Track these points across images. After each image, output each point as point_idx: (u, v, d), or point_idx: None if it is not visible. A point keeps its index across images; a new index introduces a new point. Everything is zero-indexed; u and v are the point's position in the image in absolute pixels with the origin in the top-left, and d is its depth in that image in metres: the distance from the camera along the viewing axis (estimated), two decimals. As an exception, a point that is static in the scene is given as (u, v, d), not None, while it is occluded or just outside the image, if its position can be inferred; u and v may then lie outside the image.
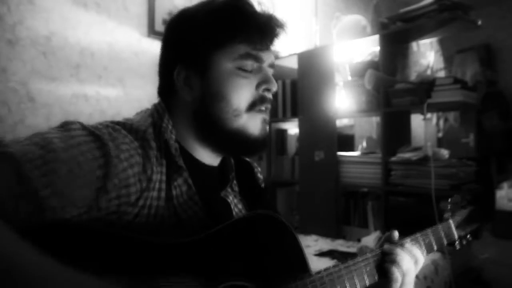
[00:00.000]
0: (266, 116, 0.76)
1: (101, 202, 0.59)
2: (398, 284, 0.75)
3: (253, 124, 0.74)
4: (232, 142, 0.74)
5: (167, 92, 0.77)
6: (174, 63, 0.74)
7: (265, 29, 0.72)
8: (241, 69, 0.72)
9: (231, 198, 0.80)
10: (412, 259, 0.78)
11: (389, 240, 0.81)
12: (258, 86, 0.74)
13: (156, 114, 0.74)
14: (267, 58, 0.75)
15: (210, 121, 0.73)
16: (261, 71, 0.75)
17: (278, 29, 0.74)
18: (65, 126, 0.61)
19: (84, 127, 0.62)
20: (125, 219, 0.63)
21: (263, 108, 0.74)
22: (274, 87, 0.75)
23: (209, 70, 0.72)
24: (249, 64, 0.72)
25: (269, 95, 0.75)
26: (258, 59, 0.73)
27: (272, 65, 0.77)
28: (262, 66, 0.75)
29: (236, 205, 0.81)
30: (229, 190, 0.81)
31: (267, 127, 0.77)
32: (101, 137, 0.60)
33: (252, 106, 0.73)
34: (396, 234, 0.81)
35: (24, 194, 0.51)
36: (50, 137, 0.57)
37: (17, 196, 0.51)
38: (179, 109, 0.75)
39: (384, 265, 0.76)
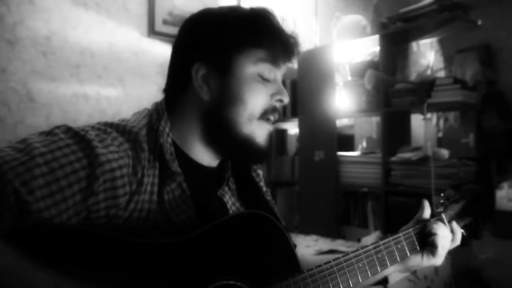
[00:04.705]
0: (271, 127, 0.78)
1: (90, 205, 0.58)
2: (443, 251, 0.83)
3: (261, 133, 0.75)
4: (238, 148, 0.75)
5: (177, 89, 0.76)
6: (193, 59, 0.73)
7: (287, 44, 0.75)
8: (261, 76, 0.74)
9: (227, 197, 0.80)
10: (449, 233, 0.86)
11: (420, 219, 0.88)
12: (272, 95, 0.76)
13: (155, 115, 0.73)
14: (282, 71, 0.78)
15: (221, 123, 0.73)
16: (276, 81, 0.77)
17: (297, 49, 0.76)
18: (51, 130, 0.61)
19: (68, 129, 0.62)
20: (116, 223, 0.63)
21: (272, 117, 0.76)
22: (287, 99, 0.77)
23: (230, 71, 0.73)
24: (268, 71, 0.74)
25: (280, 106, 0.78)
26: (277, 69, 0.76)
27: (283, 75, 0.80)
28: (277, 77, 0.77)
29: (233, 204, 0.81)
30: (225, 189, 0.81)
31: (268, 138, 0.79)
32: (85, 138, 0.60)
33: (264, 114, 0.75)
34: (426, 212, 0.88)
35: (7, 198, 0.52)
36: (32, 142, 0.57)
37: (0, 202, 0.51)
38: (188, 108, 0.75)
39: (427, 239, 0.83)
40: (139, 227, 0.65)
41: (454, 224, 0.88)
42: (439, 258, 0.84)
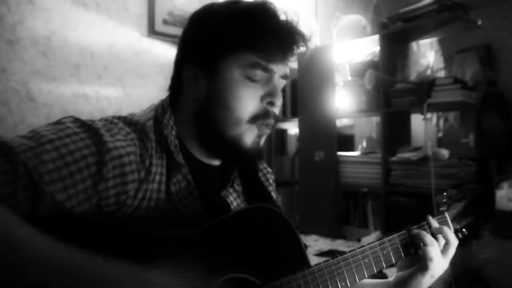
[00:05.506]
0: (266, 131, 0.74)
1: (100, 191, 0.59)
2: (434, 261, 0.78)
3: (248, 136, 0.72)
4: (225, 149, 0.74)
5: (175, 88, 0.77)
6: (186, 60, 0.74)
7: (283, 42, 0.71)
8: (249, 78, 0.70)
9: (231, 198, 0.80)
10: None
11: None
12: (262, 98, 0.72)
13: (161, 109, 0.75)
14: (279, 70, 0.73)
15: (209, 123, 0.73)
16: (270, 82, 0.73)
17: (298, 43, 0.72)
18: (59, 120, 0.63)
19: (76, 120, 0.63)
20: (126, 212, 0.63)
21: (265, 123, 0.73)
22: (279, 101, 0.73)
23: (217, 73, 0.71)
24: (258, 74, 0.71)
25: (273, 109, 0.73)
26: (268, 71, 0.71)
27: (285, 77, 0.75)
28: (272, 78, 0.73)
29: (238, 205, 0.81)
30: (230, 190, 0.81)
31: (262, 142, 0.75)
32: (92, 127, 0.61)
33: (255, 119, 0.72)
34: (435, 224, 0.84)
35: (21, 178, 0.52)
36: (41, 130, 0.59)
37: (14, 183, 0.51)
38: (184, 106, 0.76)
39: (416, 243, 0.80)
40: (148, 217, 0.65)
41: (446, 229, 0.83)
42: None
